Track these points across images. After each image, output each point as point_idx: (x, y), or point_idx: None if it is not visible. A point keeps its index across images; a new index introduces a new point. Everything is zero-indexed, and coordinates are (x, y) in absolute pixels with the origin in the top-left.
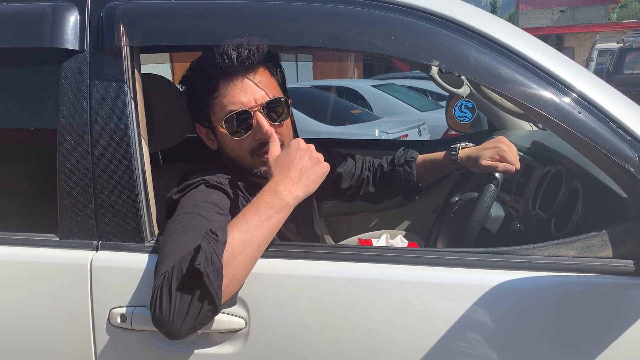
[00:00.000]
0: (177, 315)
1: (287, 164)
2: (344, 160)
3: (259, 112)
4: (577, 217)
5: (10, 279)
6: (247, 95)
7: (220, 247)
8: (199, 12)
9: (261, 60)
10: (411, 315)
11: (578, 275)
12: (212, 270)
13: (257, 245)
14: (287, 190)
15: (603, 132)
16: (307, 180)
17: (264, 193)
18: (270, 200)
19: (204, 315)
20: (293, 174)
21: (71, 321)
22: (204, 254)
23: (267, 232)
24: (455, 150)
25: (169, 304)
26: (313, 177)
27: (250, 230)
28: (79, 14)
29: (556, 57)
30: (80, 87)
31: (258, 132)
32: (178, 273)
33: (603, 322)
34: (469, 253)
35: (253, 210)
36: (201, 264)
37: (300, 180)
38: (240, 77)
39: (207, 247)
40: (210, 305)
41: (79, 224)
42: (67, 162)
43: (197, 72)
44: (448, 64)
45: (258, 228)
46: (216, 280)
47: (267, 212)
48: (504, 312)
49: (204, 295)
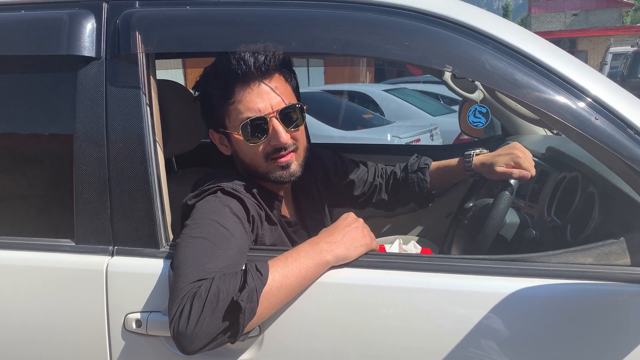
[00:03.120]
0: (201, 335)
1: (339, 226)
2: (356, 167)
3: (275, 118)
4: (593, 224)
5: (26, 284)
6: (263, 101)
7: (261, 287)
8: (214, 19)
9: (277, 67)
10: (426, 323)
11: (596, 283)
12: (250, 308)
13: (290, 291)
14: (328, 247)
15: (620, 138)
16: (350, 244)
17: (306, 244)
18: (312, 253)
19: (222, 342)
20: (337, 236)
21: (87, 326)
22: (248, 290)
23: (302, 281)
24: (469, 157)
25: (196, 321)
26: (356, 245)
27: (289, 276)
28: (95, 21)
29: (572, 62)
30: (96, 93)
31: (273, 138)
32: (215, 295)
33: (621, 331)
34: (484, 260)
35: (294, 256)
36: (244, 300)
37: (342, 243)
38: (256, 83)
39: (252, 283)
40: (232, 337)
41: (94, 230)
42: (83, 167)
43: (212, 77)
44: (463, 70)
45: (295, 275)
46: (249, 318)
47: (306, 262)
48: (520, 320)
49: (232, 326)
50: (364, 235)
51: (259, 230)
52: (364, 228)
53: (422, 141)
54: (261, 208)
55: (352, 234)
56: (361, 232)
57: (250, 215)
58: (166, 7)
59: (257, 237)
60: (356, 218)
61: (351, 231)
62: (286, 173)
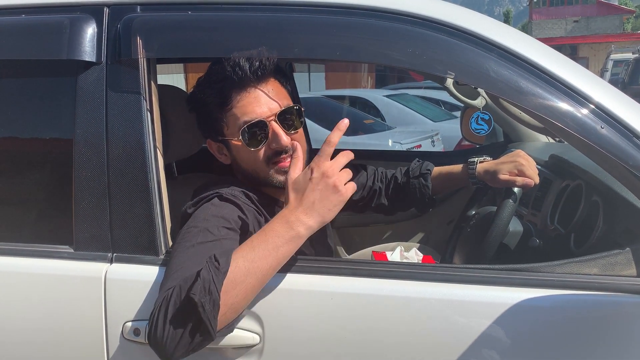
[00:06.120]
0: (170, 340)
1: (302, 190)
2: (355, 171)
3: (274, 121)
4: (597, 233)
5: (24, 290)
6: (261, 105)
7: (220, 276)
8: (216, 25)
9: (272, 71)
10: (427, 333)
11: (601, 294)
12: (209, 301)
13: (262, 275)
14: (298, 220)
15: (626, 147)
16: (323, 209)
17: (275, 221)
18: (280, 230)
19: (198, 343)
20: (307, 202)
21: (85, 334)
22: (201, 282)
23: (273, 262)
24: (473, 164)
25: (164, 328)
26: (329, 206)
27: (256, 260)
28: (96, 26)
29: (577, 70)
30: (97, 98)
31: (274, 141)
32: (177, 298)
33: (627, 342)
34: (487, 270)
35: (261, 238)
36: (196, 293)
37: (314, 209)
38: (252, 87)
39: (207, 275)
40: (204, 335)
41: (93, 236)
42: (83, 173)
43: (207, 87)
44: (467, 77)
45: (264, 258)
46: (212, 311)
47: (275, 241)
48: (524, 331)
49: (198, 325)
50: (335, 190)
51: None
52: (334, 181)
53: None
54: (260, 214)
55: (323, 194)
56: (332, 189)
57: (249, 220)
58: (167, 12)
59: None
60: (322, 173)
61: (321, 191)
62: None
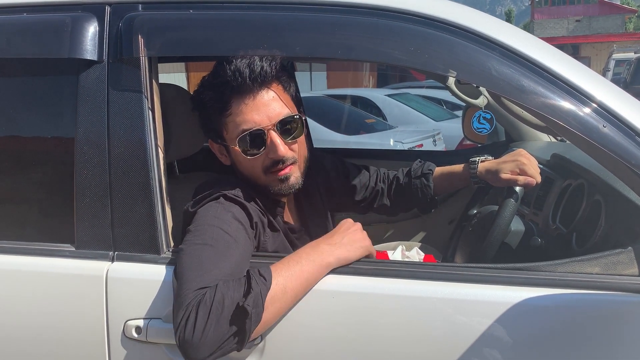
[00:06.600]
0: (208, 343)
1: (331, 232)
2: (357, 172)
3: (273, 130)
4: (599, 232)
5: (25, 289)
6: (259, 114)
7: (266, 292)
8: (218, 23)
9: (274, 75)
10: (429, 332)
11: (603, 294)
12: (256, 313)
13: (294, 295)
14: (329, 249)
15: (629, 146)
16: (350, 246)
17: (307, 247)
18: (312, 254)
19: (229, 349)
20: (336, 238)
21: (86, 332)
22: (253, 295)
23: (305, 283)
24: (474, 163)
25: (202, 330)
26: (356, 245)
27: (291, 279)
28: (98, 24)
29: (580, 69)
30: (98, 97)
31: (271, 151)
32: (220, 303)
33: (629, 341)
34: (489, 269)
35: (296, 260)
36: (250, 305)
37: (342, 244)
38: (252, 94)
39: (257, 288)
40: (239, 343)
41: (95, 235)
42: (84, 172)
43: (209, 89)
44: (469, 76)
45: (298, 277)
46: (255, 323)
47: (308, 265)
48: (526, 331)
49: (239, 332)
50: (363, 237)
51: (261, 236)
52: (362, 231)
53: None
54: (264, 215)
55: (351, 236)
56: (360, 235)
57: (254, 221)
58: (169, 10)
59: (259, 243)
60: (354, 222)
61: (350, 233)
62: (285, 186)
